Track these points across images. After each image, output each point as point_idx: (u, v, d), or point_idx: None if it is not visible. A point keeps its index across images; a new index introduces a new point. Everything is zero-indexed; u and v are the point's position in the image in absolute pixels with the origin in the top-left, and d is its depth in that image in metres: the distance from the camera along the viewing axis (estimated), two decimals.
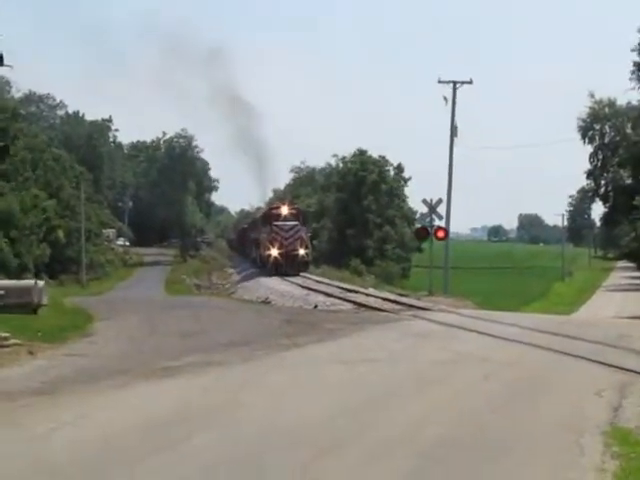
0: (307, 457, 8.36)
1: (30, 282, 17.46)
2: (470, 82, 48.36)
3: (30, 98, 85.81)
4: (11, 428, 9.62)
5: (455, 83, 46.34)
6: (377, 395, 11.92)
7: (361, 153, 75.73)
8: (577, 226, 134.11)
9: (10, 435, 9.29)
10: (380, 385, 12.84)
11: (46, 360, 14.92)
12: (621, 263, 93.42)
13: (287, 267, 47.55)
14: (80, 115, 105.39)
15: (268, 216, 52.41)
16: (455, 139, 46.72)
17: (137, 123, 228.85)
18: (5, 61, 21.27)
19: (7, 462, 8.20)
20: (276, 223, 49.78)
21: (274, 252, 48.34)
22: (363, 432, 9.43)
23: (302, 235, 50.42)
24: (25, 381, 12.67)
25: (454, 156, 47.71)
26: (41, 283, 17.74)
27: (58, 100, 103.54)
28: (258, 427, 9.74)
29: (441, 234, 42.69)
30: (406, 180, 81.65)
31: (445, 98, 46.50)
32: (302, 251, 49.29)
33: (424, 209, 43.83)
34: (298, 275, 46.15)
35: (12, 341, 15.70)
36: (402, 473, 7.86)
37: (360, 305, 29.38)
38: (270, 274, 47.27)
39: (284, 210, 51.64)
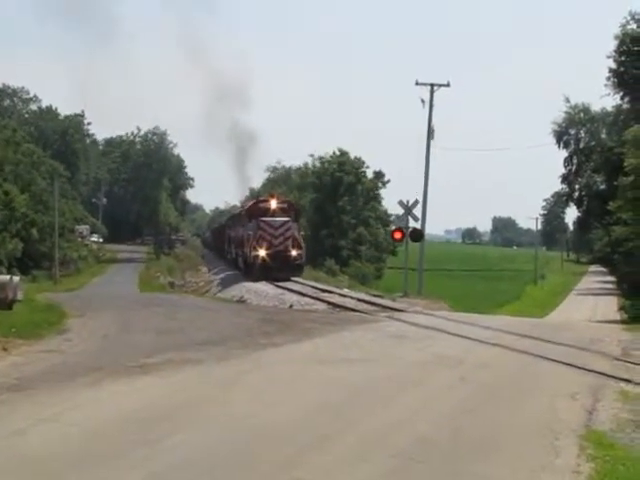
0: (289, 455, 8.43)
1: (5, 277, 17.36)
2: (448, 85, 48.64)
3: (3, 92, 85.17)
4: None
5: (433, 85, 46.63)
6: (356, 395, 11.93)
7: (341, 154, 75.69)
8: (550, 230, 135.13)
9: None
10: (358, 385, 12.81)
11: (21, 356, 14.78)
12: (593, 267, 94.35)
13: (277, 271, 40.14)
14: (54, 109, 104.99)
15: (254, 211, 44.65)
16: (432, 141, 46.98)
17: (113, 117, 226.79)
18: None
19: None
20: (264, 219, 42.27)
21: (261, 253, 40.96)
22: (343, 431, 9.49)
23: (294, 233, 42.62)
24: (0, 377, 12.55)
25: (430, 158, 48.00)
26: (16, 279, 17.65)
27: (32, 94, 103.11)
28: (237, 425, 9.78)
29: (416, 236, 43.02)
30: (385, 183, 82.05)
31: (422, 100, 46.78)
32: (295, 252, 41.63)
33: (399, 210, 44.14)
34: (289, 280, 39.08)
35: None
36: (383, 471, 7.91)
37: (335, 305, 29.32)
38: (256, 279, 39.85)
39: (273, 204, 44.26)
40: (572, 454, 8.61)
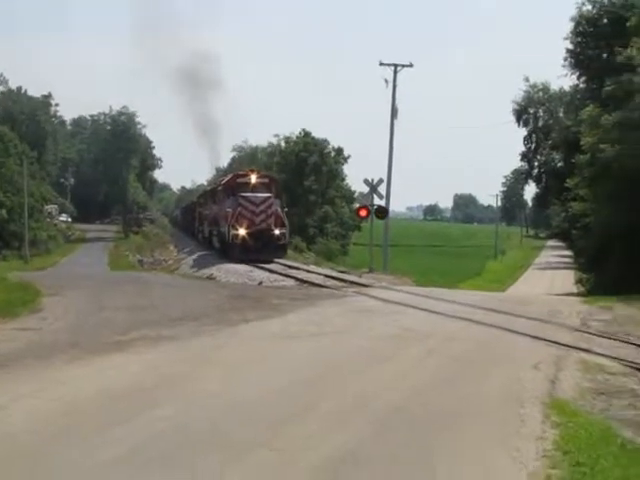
0: (267, 427, 8.45)
1: None
2: (410, 65, 48.73)
3: None
4: None
5: (396, 66, 46.63)
6: (328, 369, 12.02)
7: (305, 134, 75.60)
8: (510, 206, 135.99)
9: None
10: (329, 359, 12.91)
11: None
12: (551, 242, 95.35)
13: (258, 251, 36.29)
14: (22, 91, 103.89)
15: (232, 186, 40.54)
16: (395, 121, 47.08)
17: (80, 97, 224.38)
18: None
19: None
20: (244, 194, 38.18)
21: (241, 231, 36.96)
22: (318, 403, 9.54)
23: (277, 210, 38.91)
24: None
25: (394, 135, 48.11)
26: None
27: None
28: (214, 399, 9.78)
29: (381, 213, 43.18)
30: (346, 159, 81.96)
31: (386, 80, 46.75)
32: (278, 231, 37.86)
33: (364, 189, 44.27)
34: (272, 262, 35.52)
35: None
36: (359, 439, 8.01)
37: (303, 282, 29.24)
38: (236, 260, 35.93)
39: (253, 178, 40.19)
40: (537, 421, 8.77)
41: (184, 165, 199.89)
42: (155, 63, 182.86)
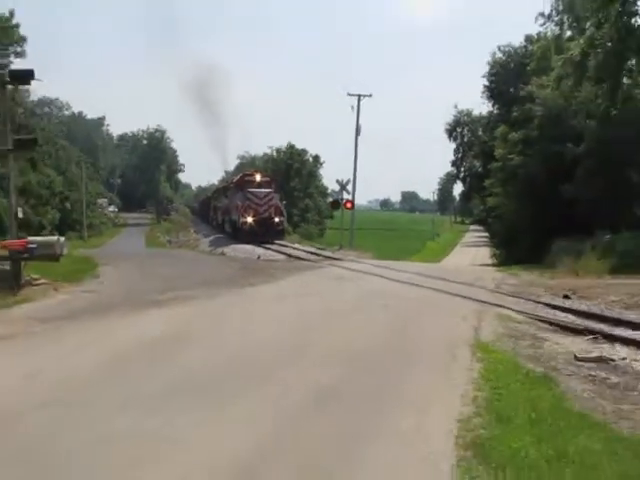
0: (272, 362, 8.50)
1: (54, 238, 17.09)
2: (370, 95, 48.39)
3: (42, 101, 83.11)
4: (52, 344, 9.59)
5: (359, 96, 46.22)
6: (312, 321, 12.04)
7: (291, 147, 75.20)
8: (443, 200, 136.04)
9: (52, 349, 9.27)
10: (313, 313, 12.92)
11: (67, 295, 14.64)
12: (473, 227, 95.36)
13: (262, 235, 35.52)
14: (82, 115, 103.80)
15: (242, 183, 39.78)
16: (359, 136, 46.80)
17: (126, 117, 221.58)
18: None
19: (57, 364, 8.29)
20: (250, 190, 37.80)
21: (249, 219, 36.58)
22: (307, 346, 9.57)
23: (277, 202, 38.49)
24: (54, 310, 12.44)
25: (359, 148, 47.90)
26: (62, 238, 17.40)
27: (64, 102, 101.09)
28: (231, 342, 9.85)
29: (349, 205, 43.29)
30: (321, 164, 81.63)
31: (352, 107, 46.42)
32: (277, 219, 37.58)
33: (336, 186, 44.48)
34: (273, 243, 35.08)
35: (42, 281, 15.44)
36: (336, 373, 7.99)
37: (291, 256, 29.12)
38: (245, 241, 35.16)
39: (258, 177, 40.10)
40: (466, 358, 8.85)
41: (200, 168, 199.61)
42: (173, 81, 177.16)
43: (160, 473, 4.84)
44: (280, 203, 39.31)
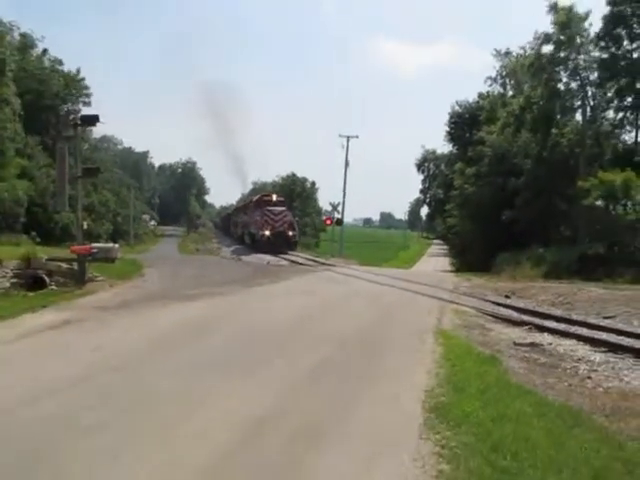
0: (278, 341, 8.57)
1: (112, 245, 17.25)
2: (357, 137, 48.87)
3: (103, 139, 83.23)
4: (111, 326, 9.65)
5: (348, 137, 46.42)
6: (309, 313, 12.04)
7: (293, 175, 75.24)
8: (413, 219, 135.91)
9: (111, 330, 9.33)
10: (311, 307, 12.92)
11: (120, 289, 14.63)
12: (436, 241, 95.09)
13: (278, 246, 33.69)
14: (131, 149, 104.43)
15: (260, 202, 37.94)
16: (347, 168, 46.95)
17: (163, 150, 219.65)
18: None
19: (116, 341, 8.40)
20: (268, 208, 36.12)
21: (267, 232, 34.83)
22: (305, 332, 9.61)
23: (290, 219, 36.82)
24: (110, 301, 12.47)
25: (347, 176, 48.04)
26: (117, 245, 17.55)
27: (119, 139, 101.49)
28: (245, 328, 9.87)
29: (339, 223, 43.48)
30: (317, 189, 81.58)
31: (343, 145, 46.58)
32: (291, 233, 35.76)
33: (329, 206, 44.83)
34: (287, 253, 33.33)
35: (100, 278, 15.46)
36: (331, 351, 8.08)
37: (293, 262, 28.89)
38: (262, 251, 33.13)
39: (274, 197, 38.68)
40: (431, 342, 8.93)
41: (222, 189, 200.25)
42: (203, 121, 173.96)
43: (191, 425, 4.91)
44: (293, 219, 37.81)
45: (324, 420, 5.12)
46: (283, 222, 35.54)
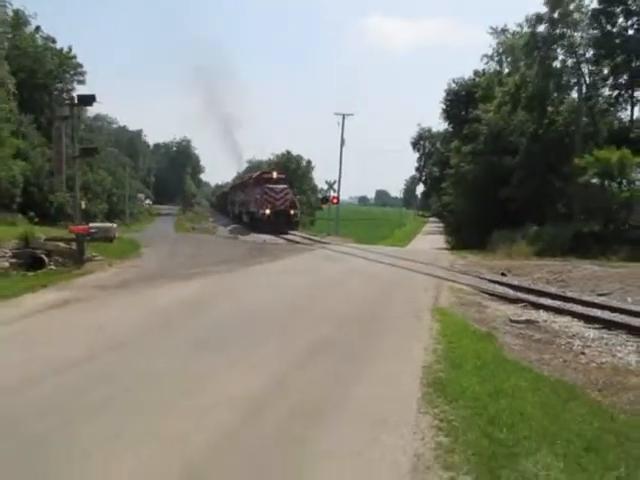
0: (277, 321, 8.61)
1: (110, 224, 17.25)
2: (352, 114, 48.41)
3: (97, 117, 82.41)
4: (111, 305, 9.75)
5: (344, 115, 45.92)
6: (308, 291, 12.05)
7: (288, 153, 74.63)
8: (408, 197, 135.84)
9: (112, 308, 9.43)
10: (309, 286, 12.93)
11: (118, 269, 14.69)
12: (431, 219, 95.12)
13: (279, 226, 32.17)
14: (126, 127, 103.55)
15: (260, 179, 36.03)
16: (343, 147, 46.59)
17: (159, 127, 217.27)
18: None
19: (118, 319, 8.46)
20: (268, 185, 34.30)
21: (267, 211, 33.16)
22: (304, 311, 9.64)
23: (292, 197, 35.20)
24: (109, 280, 12.52)
25: (343, 154, 47.78)
26: (115, 225, 17.54)
27: (113, 117, 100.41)
28: (244, 306, 9.93)
29: (335, 200, 43.35)
30: (313, 167, 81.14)
31: (338, 123, 46.05)
32: (292, 211, 34.21)
33: (325, 185, 44.57)
34: (288, 233, 31.52)
35: (99, 258, 15.49)
36: (329, 329, 8.15)
37: (290, 241, 28.64)
38: (263, 231, 31.58)
39: (274, 174, 36.79)
40: (428, 319, 9.02)
41: (217, 168, 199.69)
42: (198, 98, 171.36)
43: (194, 400, 5.00)
44: (295, 197, 36.19)
45: (325, 397, 5.20)
46: (284, 200, 34.01)
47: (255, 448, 4.11)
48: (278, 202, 33.70)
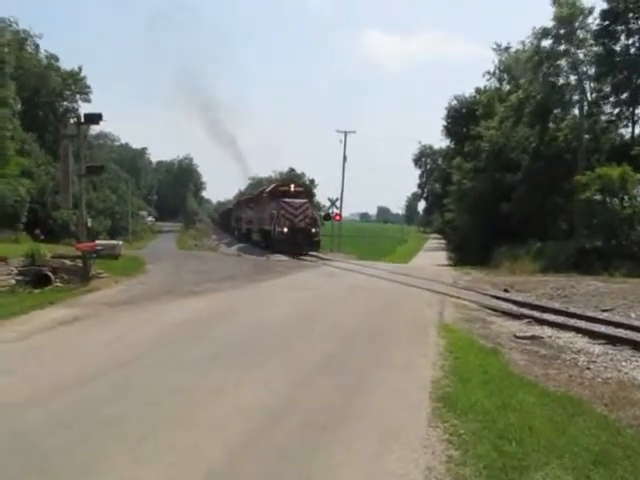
0: (283, 337, 8.68)
1: (115, 242, 17.35)
2: (354, 132, 48.60)
3: (99, 135, 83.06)
4: (120, 321, 9.83)
5: (346, 132, 46.22)
6: (312, 307, 12.14)
7: (292, 170, 75.00)
8: (410, 214, 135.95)
9: (121, 325, 9.51)
10: (313, 301, 13.03)
11: (125, 286, 14.72)
12: (433, 235, 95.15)
13: (299, 246, 28.42)
14: (128, 145, 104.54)
15: (275, 193, 31.95)
16: (345, 163, 46.77)
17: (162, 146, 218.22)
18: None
19: (127, 335, 8.54)
20: (285, 200, 30.25)
21: (285, 229, 29.19)
22: (310, 327, 9.72)
23: (312, 212, 31.24)
24: (116, 297, 12.57)
25: (345, 171, 47.91)
26: (120, 242, 17.63)
27: (116, 135, 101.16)
28: (251, 322, 10.03)
29: (337, 217, 43.47)
30: (316, 185, 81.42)
31: (340, 140, 46.30)
32: (314, 229, 30.18)
33: (327, 201, 44.68)
34: (307, 255, 27.88)
35: (104, 275, 15.56)
36: (336, 344, 8.21)
37: (293, 257, 27.77)
38: (279, 251, 27.92)
39: (292, 187, 32.60)
40: (434, 335, 9.09)
41: (219, 185, 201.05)
42: (201, 121, 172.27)
43: (206, 413, 5.10)
44: (315, 213, 32.23)
45: (336, 411, 5.29)
46: (304, 216, 30.17)
47: (272, 455, 4.20)
48: (297, 219, 30.05)
